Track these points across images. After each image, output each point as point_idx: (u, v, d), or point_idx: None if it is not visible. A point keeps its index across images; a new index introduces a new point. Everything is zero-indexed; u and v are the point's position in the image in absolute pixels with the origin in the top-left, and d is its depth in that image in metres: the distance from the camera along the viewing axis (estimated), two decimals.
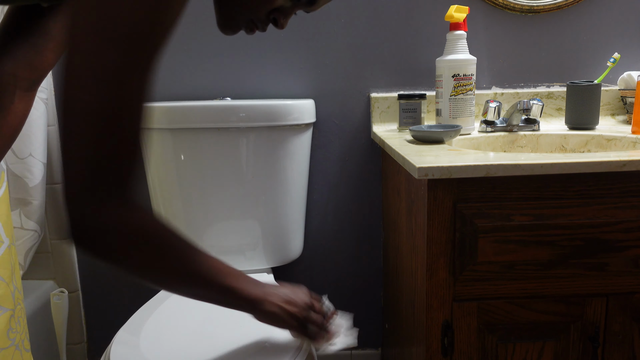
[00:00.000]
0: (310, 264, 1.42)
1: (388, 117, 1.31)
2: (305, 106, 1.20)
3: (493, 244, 0.83)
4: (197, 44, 1.29)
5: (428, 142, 1.04)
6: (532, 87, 1.34)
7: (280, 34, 1.30)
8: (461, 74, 1.14)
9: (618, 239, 0.84)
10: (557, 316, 0.87)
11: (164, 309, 0.97)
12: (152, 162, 1.19)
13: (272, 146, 1.16)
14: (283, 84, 1.32)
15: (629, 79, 1.27)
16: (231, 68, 1.31)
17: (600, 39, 1.32)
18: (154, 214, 0.54)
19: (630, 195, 0.83)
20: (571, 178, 0.82)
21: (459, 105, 1.15)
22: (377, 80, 1.33)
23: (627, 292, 0.86)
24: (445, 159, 0.84)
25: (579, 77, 1.34)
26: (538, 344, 0.88)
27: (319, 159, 1.36)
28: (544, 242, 0.84)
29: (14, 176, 1.13)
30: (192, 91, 1.31)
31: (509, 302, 0.86)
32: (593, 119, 1.20)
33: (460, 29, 1.15)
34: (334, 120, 1.34)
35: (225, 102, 1.16)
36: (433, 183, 0.82)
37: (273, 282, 1.10)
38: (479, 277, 0.85)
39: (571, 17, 1.31)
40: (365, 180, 1.38)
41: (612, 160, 0.80)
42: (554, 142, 1.17)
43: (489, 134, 1.17)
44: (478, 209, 0.82)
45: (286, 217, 1.23)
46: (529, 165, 0.79)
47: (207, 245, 1.21)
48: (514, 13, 1.30)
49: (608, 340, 0.88)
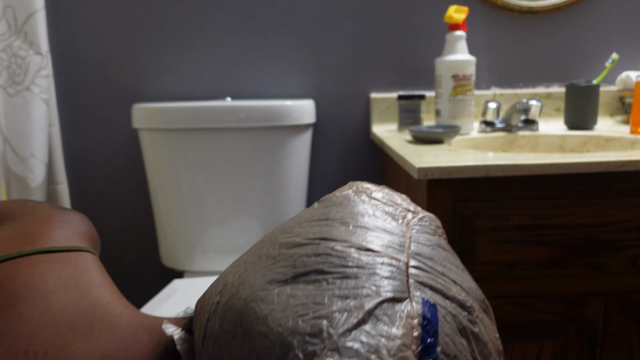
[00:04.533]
0: None
1: (388, 118, 1.32)
2: (305, 106, 1.20)
3: (492, 243, 0.84)
4: (197, 44, 1.29)
5: (427, 143, 1.04)
6: (531, 87, 1.35)
7: (280, 34, 1.30)
8: (460, 74, 1.14)
9: (616, 238, 0.84)
10: (556, 315, 0.87)
11: (168, 307, 0.98)
12: (152, 162, 1.19)
13: (272, 146, 1.17)
14: (283, 84, 1.33)
15: (627, 80, 1.28)
16: (231, 68, 1.31)
17: (599, 40, 1.33)
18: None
19: (628, 195, 0.83)
20: (570, 178, 0.83)
21: (458, 105, 1.16)
22: (377, 80, 1.33)
23: (626, 291, 0.87)
24: (444, 159, 0.84)
25: (577, 78, 1.34)
26: (537, 343, 0.88)
27: (319, 159, 1.36)
28: (542, 241, 0.84)
29: (15, 176, 1.13)
30: (192, 91, 1.32)
31: (508, 302, 0.87)
32: (592, 119, 1.20)
33: (459, 29, 1.15)
34: (334, 121, 1.35)
35: (225, 102, 1.16)
36: (432, 183, 0.82)
37: None
38: (478, 276, 0.85)
39: (570, 18, 1.31)
40: (365, 180, 1.38)
41: (610, 160, 0.80)
42: (552, 142, 1.17)
43: (488, 134, 1.18)
44: (477, 209, 0.83)
45: (286, 217, 1.24)
46: (528, 165, 0.80)
47: (207, 245, 1.21)
48: (513, 14, 1.31)
49: (606, 340, 0.88)
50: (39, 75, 1.14)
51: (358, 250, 0.30)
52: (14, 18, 1.11)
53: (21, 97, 1.12)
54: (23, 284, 0.37)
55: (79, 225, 0.44)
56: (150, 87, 1.31)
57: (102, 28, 1.27)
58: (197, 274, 1.24)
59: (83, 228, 0.45)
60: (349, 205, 0.34)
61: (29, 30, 1.12)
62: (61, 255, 0.40)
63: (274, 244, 0.32)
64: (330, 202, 0.35)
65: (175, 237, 1.22)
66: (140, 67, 1.30)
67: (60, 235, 0.42)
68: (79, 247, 0.42)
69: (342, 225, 0.32)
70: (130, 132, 1.32)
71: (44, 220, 0.43)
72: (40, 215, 0.44)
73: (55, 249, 0.40)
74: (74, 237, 0.43)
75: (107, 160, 1.33)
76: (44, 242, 0.41)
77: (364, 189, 0.37)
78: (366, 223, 0.32)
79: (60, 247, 0.41)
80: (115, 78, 1.30)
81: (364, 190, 0.36)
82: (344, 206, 0.34)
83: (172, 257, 1.24)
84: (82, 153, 1.33)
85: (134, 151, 1.33)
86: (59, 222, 0.43)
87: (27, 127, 1.12)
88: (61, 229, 0.42)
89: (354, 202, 0.35)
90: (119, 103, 1.31)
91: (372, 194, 0.36)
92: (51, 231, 0.42)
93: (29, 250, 0.39)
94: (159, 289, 1.38)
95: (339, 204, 0.34)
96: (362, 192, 0.36)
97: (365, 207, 0.34)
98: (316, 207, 0.35)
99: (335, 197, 0.36)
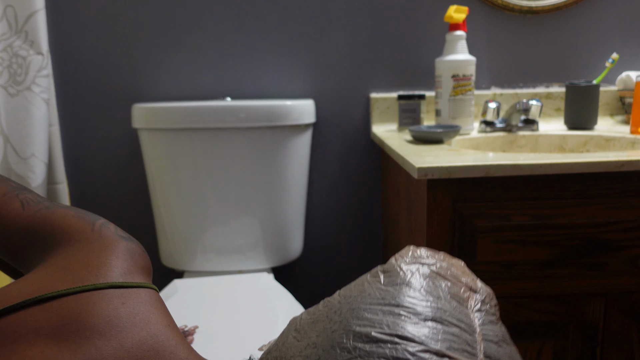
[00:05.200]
0: (310, 263, 1.43)
1: (388, 118, 1.32)
2: (305, 106, 1.20)
3: (492, 243, 0.84)
4: (197, 43, 1.29)
5: (427, 143, 1.04)
6: (531, 87, 1.35)
7: (281, 33, 1.30)
8: (460, 74, 1.14)
9: (617, 238, 0.84)
10: (556, 316, 0.87)
11: (168, 307, 0.98)
12: (152, 162, 1.19)
13: (272, 146, 1.17)
14: (283, 84, 1.33)
15: (627, 80, 1.28)
16: (231, 68, 1.31)
17: (599, 40, 1.33)
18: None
19: (628, 195, 0.83)
20: (570, 178, 0.83)
21: (459, 105, 1.16)
22: (377, 80, 1.33)
23: (626, 291, 0.87)
24: (444, 159, 0.84)
25: (577, 78, 1.34)
26: (537, 343, 0.88)
27: (318, 159, 1.36)
28: (543, 242, 0.84)
29: (16, 176, 1.13)
30: (192, 91, 1.32)
31: (508, 302, 0.87)
32: (592, 119, 1.20)
33: (459, 29, 1.15)
34: (334, 121, 1.35)
35: (226, 102, 1.16)
36: (432, 183, 0.82)
37: (273, 282, 1.10)
38: (478, 276, 0.85)
39: (570, 17, 1.31)
40: (365, 180, 1.38)
41: (610, 160, 0.80)
42: (553, 142, 1.17)
43: (488, 134, 1.18)
44: (477, 209, 0.83)
45: (286, 217, 1.24)
46: (528, 165, 0.80)
47: (207, 245, 1.21)
48: (513, 14, 1.31)
49: (607, 340, 0.88)
50: (40, 75, 1.14)
51: (433, 355, 0.30)
52: (14, 18, 1.12)
53: (22, 97, 1.13)
54: (100, 317, 0.39)
55: (139, 257, 0.46)
56: (150, 87, 1.31)
57: (102, 28, 1.27)
58: (197, 274, 1.24)
59: (143, 261, 0.46)
60: (418, 286, 0.34)
61: (29, 30, 1.12)
62: (132, 291, 0.42)
63: (347, 331, 0.32)
64: (398, 278, 0.35)
65: (175, 237, 1.22)
66: (140, 67, 1.30)
67: (127, 269, 0.43)
68: (147, 284, 0.44)
69: (416, 316, 0.32)
70: (130, 132, 1.32)
71: (111, 251, 0.44)
72: (107, 244, 0.45)
73: (127, 285, 0.42)
74: (137, 271, 0.44)
75: (107, 160, 1.33)
76: (115, 276, 0.42)
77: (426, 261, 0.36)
78: (439, 314, 0.32)
79: (132, 282, 0.43)
80: (115, 78, 1.30)
81: (430, 263, 0.36)
82: (414, 288, 0.33)
83: (172, 257, 1.25)
84: (82, 153, 1.33)
85: (134, 151, 1.33)
86: (124, 254, 0.45)
87: (28, 127, 1.13)
88: (125, 261, 0.44)
89: (423, 282, 0.34)
90: (119, 103, 1.31)
91: (437, 268, 0.36)
92: (119, 265, 0.43)
93: (104, 284, 0.41)
94: (159, 288, 1.38)
95: (407, 283, 0.34)
96: (426, 264, 0.36)
97: (435, 290, 0.34)
98: (383, 281, 0.35)
99: (401, 271, 0.35)
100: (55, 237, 0.46)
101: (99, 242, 0.45)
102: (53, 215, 0.47)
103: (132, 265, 0.44)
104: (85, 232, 0.46)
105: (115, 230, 0.47)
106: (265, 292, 1.04)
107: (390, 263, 0.36)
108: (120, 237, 0.46)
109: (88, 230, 0.46)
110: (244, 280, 1.09)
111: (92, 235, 0.46)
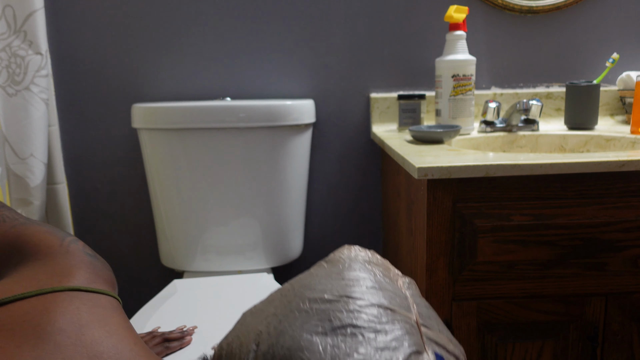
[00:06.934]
0: (310, 263, 1.43)
1: (388, 118, 1.32)
2: (305, 106, 1.20)
3: (492, 243, 0.84)
4: (197, 43, 1.29)
5: (428, 142, 1.04)
6: (532, 87, 1.35)
7: (281, 33, 1.30)
8: (461, 74, 1.14)
9: (617, 238, 0.84)
10: (557, 316, 0.87)
11: (167, 307, 0.98)
12: (151, 162, 1.19)
13: (271, 146, 1.17)
14: (283, 84, 1.32)
15: (627, 79, 1.27)
16: (231, 68, 1.31)
17: (599, 40, 1.33)
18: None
19: (629, 195, 0.83)
20: (570, 178, 0.83)
21: (459, 105, 1.15)
22: (377, 80, 1.33)
23: (626, 291, 0.87)
24: (444, 159, 0.84)
25: (578, 78, 1.34)
26: (537, 343, 0.88)
27: (318, 159, 1.36)
28: (543, 242, 0.84)
29: (15, 176, 1.13)
30: (192, 91, 1.31)
31: (508, 302, 0.87)
32: (592, 119, 1.20)
33: (459, 29, 1.15)
34: (334, 121, 1.34)
35: (225, 102, 1.16)
36: (433, 183, 0.82)
37: (273, 282, 1.10)
38: (478, 277, 0.85)
39: (570, 17, 1.31)
40: (365, 180, 1.38)
41: (611, 160, 0.80)
42: (553, 142, 1.17)
43: (488, 134, 1.18)
44: (477, 209, 0.83)
45: (286, 217, 1.23)
46: (529, 165, 0.80)
47: (207, 245, 1.21)
48: (513, 13, 1.30)
49: (607, 340, 0.88)
50: (39, 75, 1.13)
51: (379, 308, 0.35)
52: (13, 17, 1.11)
53: (21, 96, 1.12)
54: (61, 316, 0.40)
55: (102, 271, 0.48)
56: (150, 87, 1.31)
57: (101, 28, 1.27)
58: (196, 274, 1.24)
59: (107, 275, 0.49)
60: (357, 268, 0.38)
61: (28, 29, 1.12)
62: (93, 296, 0.44)
63: (303, 299, 0.35)
64: (339, 263, 0.39)
65: (175, 237, 1.22)
66: (140, 67, 1.29)
67: (90, 279, 0.46)
68: (109, 292, 0.46)
69: (359, 285, 0.36)
70: (129, 132, 1.32)
71: (75, 263, 0.47)
72: (72, 258, 0.48)
73: (88, 289, 0.44)
74: (101, 282, 0.47)
75: (106, 160, 1.33)
76: (78, 283, 0.44)
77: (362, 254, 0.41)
78: (378, 284, 0.37)
79: (93, 288, 0.45)
80: (115, 78, 1.30)
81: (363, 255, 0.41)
82: (353, 269, 0.38)
83: (172, 257, 1.24)
84: (81, 153, 1.33)
85: (134, 151, 1.33)
86: (87, 267, 0.47)
87: (26, 127, 1.12)
88: (90, 273, 0.47)
89: (360, 266, 0.39)
90: (119, 103, 1.31)
91: (370, 258, 0.41)
92: (82, 275, 0.46)
93: (66, 286, 0.43)
94: (159, 289, 1.38)
95: (348, 266, 0.38)
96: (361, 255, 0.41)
97: (371, 270, 0.39)
98: (327, 267, 0.39)
99: (341, 259, 0.40)
100: (26, 251, 0.48)
101: (65, 257, 0.47)
102: (26, 231, 0.50)
103: (95, 277, 0.46)
104: (54, 247, 0.48)
105: (82, 248, 0.49)
106: (265, 292, 1.04)
107: (330, 256, 0.41)
108: (86, 254, 0.48)
109: (56, 245, 0.48)
110: (244, 281, 1.09)
111: (59, 250, 0.48)
